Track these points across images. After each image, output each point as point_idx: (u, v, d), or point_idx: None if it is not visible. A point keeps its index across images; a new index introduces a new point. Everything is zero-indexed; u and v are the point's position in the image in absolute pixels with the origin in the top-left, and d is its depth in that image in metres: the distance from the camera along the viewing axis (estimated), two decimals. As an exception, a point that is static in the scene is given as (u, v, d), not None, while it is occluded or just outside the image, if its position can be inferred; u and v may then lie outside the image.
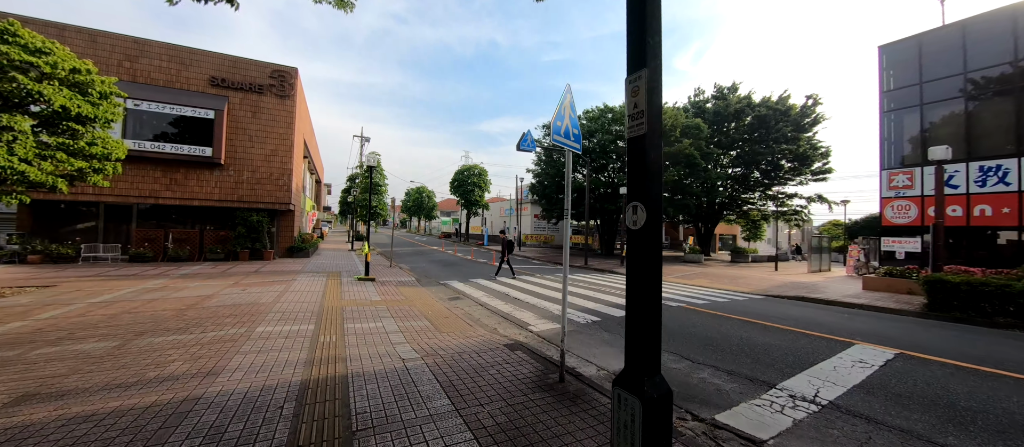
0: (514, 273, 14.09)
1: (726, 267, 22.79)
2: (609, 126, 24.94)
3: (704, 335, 6.79)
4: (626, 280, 2.53)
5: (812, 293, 12.36)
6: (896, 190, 15.34)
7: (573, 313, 8.26)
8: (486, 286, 11.90)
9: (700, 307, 9.42)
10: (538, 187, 29.42)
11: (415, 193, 59.73)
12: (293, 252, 17.42)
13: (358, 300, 8.64)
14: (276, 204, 16.03)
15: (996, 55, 13.32)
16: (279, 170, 16.08)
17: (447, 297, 10.11)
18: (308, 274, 12.50)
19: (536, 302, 9.43)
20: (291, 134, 16.31)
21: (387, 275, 13.18)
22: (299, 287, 9.95)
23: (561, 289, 12.18)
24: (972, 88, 13.82)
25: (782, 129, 28.89)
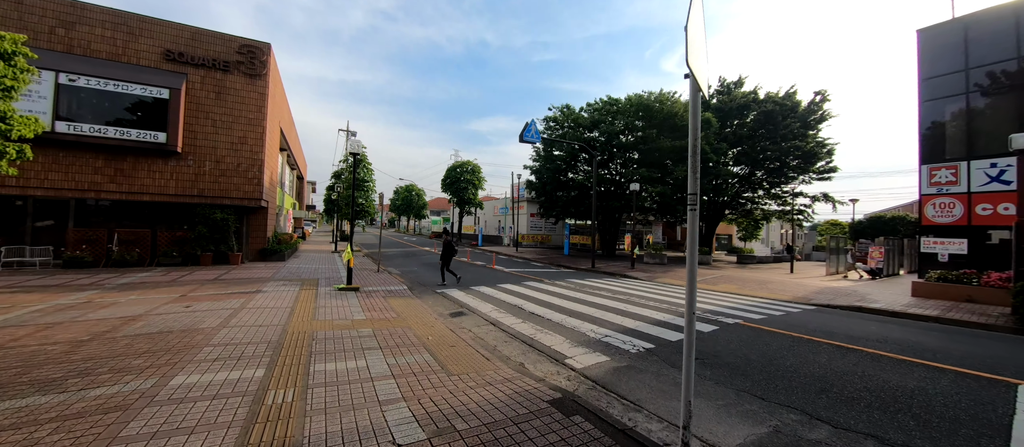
0: (458, 280, 12.05)
1: (738, 269, 21.38)
2: (612, 120, 23.30)
3: (805, 371, 5.06)
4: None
5: (864, 302, 10.84)
6: (938, 186, 14.03)
7: (615, 336, 6.46)
8: (492, 296, 10.03)
9: (758, 323, 7.73)
10: (537, 184, 27.64)
11: (404, 191, 57.39)
12: (266, 255, 15.25)
13: (336, 320, 6.68)
14: (245, 200, 13.87)
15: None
16: (248, 161, 13.92)
17: (448, 312, 8.22)
18: (279, 283, 10.44)
19: (560, 319, 7.61)
20: (263, 119, 14.16)
21: (374, 282, 11.20)
22: (262, 302, 7.92)
23: (578, 297, 10.36)
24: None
25: (790, 125, 27.65)
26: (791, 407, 4.02)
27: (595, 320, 7.55)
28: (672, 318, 7.88)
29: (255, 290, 9.14)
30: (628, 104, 23.30)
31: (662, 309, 8.78)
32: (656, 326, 7.19)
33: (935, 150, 14.30)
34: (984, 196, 13.12)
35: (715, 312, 8.69)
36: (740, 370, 5.03)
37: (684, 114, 22.07)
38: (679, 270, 18.85)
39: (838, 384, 4.64)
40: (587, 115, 24.61)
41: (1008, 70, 12.96)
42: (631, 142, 21.95)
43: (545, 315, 7.93)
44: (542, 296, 10.14)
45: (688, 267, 2.75)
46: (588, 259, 23.53)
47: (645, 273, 16.73)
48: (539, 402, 3.77)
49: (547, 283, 12.72)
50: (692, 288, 2.74)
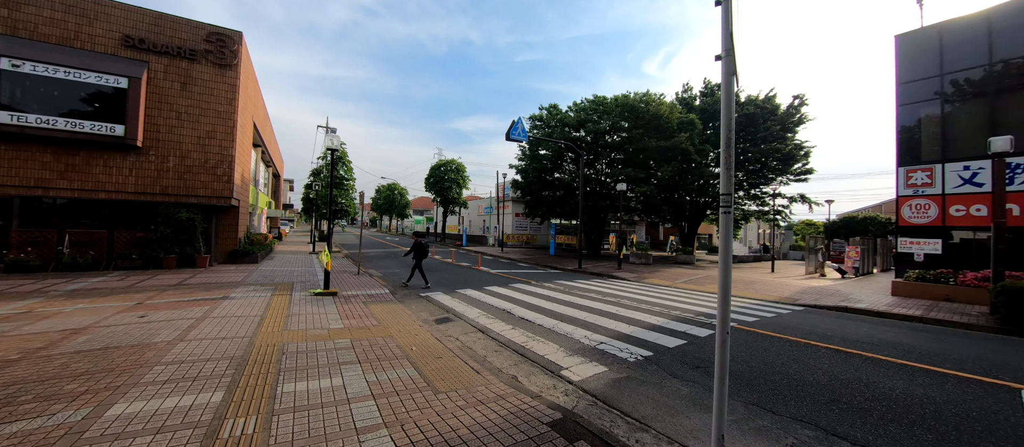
0: (426, 282, 11.61)
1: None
2: (598, 120, 23.16)
3: (810, 379, 4.85)
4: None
5: (848, 302, 10.93)
6: (914, 188, 14.39)
7: (611, 344, 6.15)
8: (479, 299, 9.61)
9: (752, 326, 7.58)
10: (523, 183, 27.30)
11: (386, 190, 56.13)
12: (237, 257, 14.36)
13: (310, 330, 6.14)
14: (213, 198, 12.99)
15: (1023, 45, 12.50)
16: (217, 156, 13.04)
17: (433, 318, 7.76)
18: (249, 287, 9.72)
19: (551, 324, 7.26)
20: (233, 113, 13.30)
21: (353, 285, 10.60)
22: (228, 310, 7.27)
23: (568, 300, 9.96)
24: (996, 80, 12.97)
25: (771, 128, 28.22)
26: (805, 421, 3.77)
27: (588, 325, 7.24)
28: (667, 322, 7.64)
29: (222, 296, 8.43)
30: (614, 104, 23.22)
31: (655, 312, 8.55)
32: (652, 331, 6.93)
33: (911, 153, 14.67)
34: (958, 198, 13.51)
35: (708, 315, 8.51)
36: (745, 380, 4.78)
37: (669, 115, 22.15)
38: (665, 270, 18.84)
39: (846, 394, 4.44)
40: (573, 114, 24.42)
41: (980, 76, 13.37)
42: (617, 142, 21.87)
43: (536, 320, 7.57)
44: (531, 299, 9.77)
45: (721, 281, 2.42)
46: (574, 259, 23.35)
47: (632, 273, 16.61)
48: (538, 425, 3.39)
49: (535, 285, 12.37)
50: (725, 303, 2.41)
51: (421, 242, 11.96)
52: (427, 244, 12.15)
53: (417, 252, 11.78)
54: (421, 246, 11.86)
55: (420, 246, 11.86)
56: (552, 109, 25.66)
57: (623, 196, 19.64)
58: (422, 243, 11.94)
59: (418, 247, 11.82)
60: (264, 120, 20.94)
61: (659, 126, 21.90)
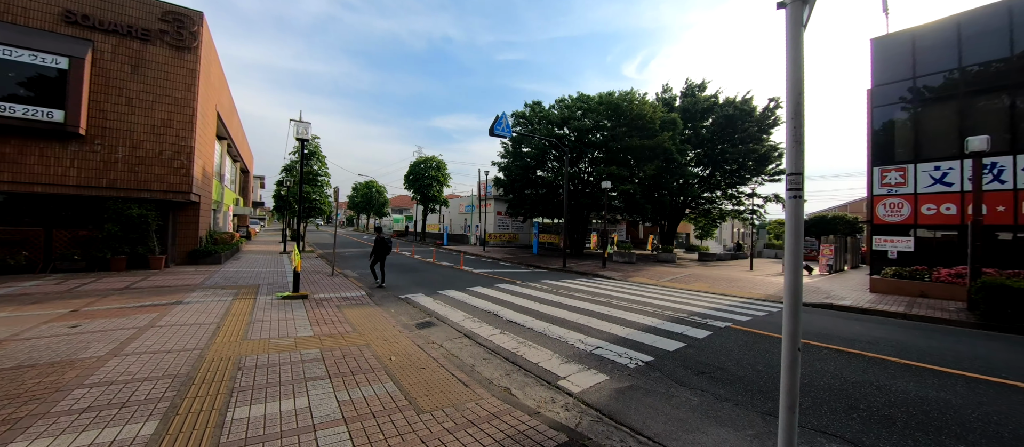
0: (382, 283, 11.20)
1: (703, 267, 21.76)
2: (582, 117, 22.94)
3: (821, 384, 4.57)
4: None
5: (832, 299, 10.99)
6: (888, 188, 14.78)
7: (608, 348, 5.73)
8: (463, 301, 9.04)
9: (748, 325, 7.35)
10: (505, 181, 26.80)
11: (364, 188, 54.43)
12: (197, 257, 13.23)
13: (274, 339, 5.44)
14: (169, 193, 11.86)
15: (992, 50, 12.97)
16: (174, 147, 11.91)
17: (414, 323, 7.16)
18: (208, 291, 8.82)
19: (542, 327, 6.80)
20: (192, 100, 12.18)
21: (326, 287, 9.83)
22: (179, 317, 6.44)
23: (557, 301, 9.41)
24: (965, 84, 13.43)
25: (748, 129, 28.81)
26: (829, 433, 3.45)
27: (581, 328, 6.82)
28: (662, 323, 7.31)
29: (174, 301, 7.54)
30: (598, 102, 23.05)
31: (648, 313, 8.23)
32: (648, 333, 6.57)
33: (885, 153, 15.06)
34: (929, 197, 13.93)
35: (701, 314, 8.26)
36: (756, 386, 4.46)
37: (652, 115, 22.14)
38: (649, 268, 18.77)
39: (862, 399, 4.17)
40: (557, 112, 24.11)
41: (950, 79, 13.82)
42: (600, 140, 21.69)
43: (525, 323, 7.09)
44: (518, 300, 9.29)
45: (788, 283, 1.99)
46: (557, 258, 23.05)
47: (618, 272, 16.40)
48: (536, 441, 2.90)
49: (520, 285, 11.90)
50: (794, 314, 1.98)
51: (383, 238, 11.44)
52: (389, 240, 11.73)
53: (378, 248, 11.29)
54: (383, 242, 11.33)
55: (382, 242, 11.32)
56: (536, 106, 25.28)
57: (607, 194, 19.44)
58: (384, 239, 11.43)
59: (380, 243, 11.30)
60: (230, 111, 19.60)
61: (642, 125, 21.87)
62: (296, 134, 8.47)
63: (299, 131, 8.50)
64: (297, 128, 8.50)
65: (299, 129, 8.49)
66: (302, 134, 8.51)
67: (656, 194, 24.37)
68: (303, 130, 8.55)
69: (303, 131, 8.55)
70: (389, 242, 11.58)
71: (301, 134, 8.50)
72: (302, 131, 8.53)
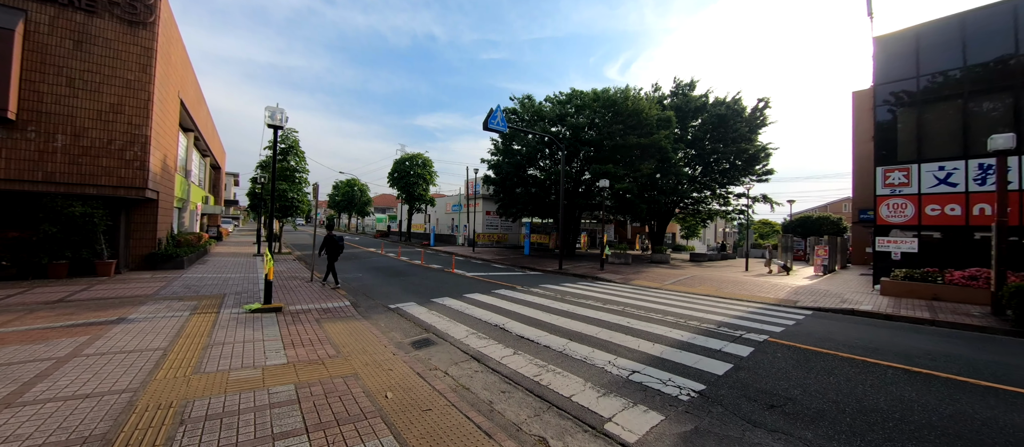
0: (338, 282, 10.58)
1: (698, 267, 21.31)
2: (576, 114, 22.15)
3: (916, 420, 3.77)
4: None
5: (849, 304, 10.47)
6: (892, 188, 14.52)
7: (646, 372, 4.83)
8: (462, 311, 8.01)
9: (784, 338, 6.60)
10: (496, 179, 25.79)
11: (345, 186, 52.36)
12: (156, 262, 11.73)
13: (235, 371, 4.31)
14: (121, 188, 10.36)
15: (997, 49, 12.79)
16: (126, 136, 10.42)
17: (409, 340, 6.10)
18: (162, 303, 7.51)
19: (561, 345, 5.86)
20: (148, 82, 10.70)
21: (305, 296, 8.63)
22: (116, 342, 5.20)
23: (566, 310, 7.99)
24: (971, 83, 13.23)
25: (739, 129, 28.67)
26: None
27: (605, 345, 5.91)
28: (693, 337, 6.48)
29: (115, 319, 6.24)
30: (592, 98, 22.30)
31: (669, 323, 7.40)
32: (683, 351, 5.71)
33: (889, 153, 14.80)
34: (933, 197, 13.69)
35: (729, 325, 7.49)
36: (845, 425, 3.62)
37: (649, 111, 21.53)
38: (647, 270, 18.12)
39: (951, 432, 3.39)
40: (550, 107, 23.24)
41: (955, 78, 13.60)
42: (595, 138, 20.95)
43: (540, 340, 6.13)
44: (523, 310, 8.32)
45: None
46: (550, 259, 22.21)
47: (617, 274, 15.64)
48: None
49: (521, 291, 10.94)
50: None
51: (333, 236, 10.73)
52: (341, 238, 10.94)
53: (329, 247, 10.55)
54: (333, 241, 10.59)
55: (332, 241, 10.57)
56: (526, 101, 24.35)
57: (604, 194, 18.70)
58: (334, 236, 10.70)
59: (330, 242, 10.56)
60: (196, 100, 17.92)
61: (639, 122, 21.24)
62: (268, 120, 7.26)
63: (273, 117, 7.30)
64: (270, 114, 7.30)
65: (273, 115, 7.30)
66: (276, 121, 7.32)
67: (649, 194, 23.78)
68: (277, 117, 7.35)
69: (277, 118, 7.35)
70: (341, 239, 10.79)
71: (274, 120, 7.30)
72: (276, 117, 7.33)
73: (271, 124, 7.35)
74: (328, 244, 10.58)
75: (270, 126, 7.36)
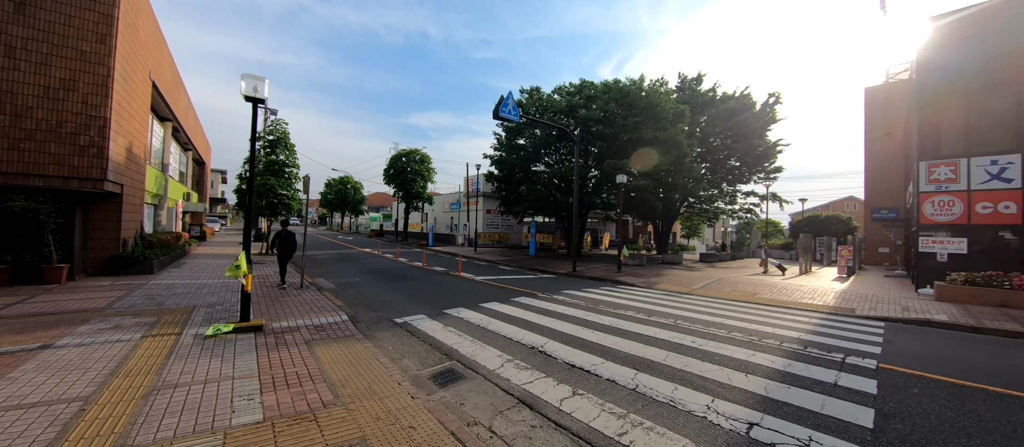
0: (284, 283, 9.72)
1: (714, 269, 20.13)
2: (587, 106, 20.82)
3: None
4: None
5: (916, 313, 9.25)
6: (937, 184, 13.41)
7: (769, 425, 3.46)
8: (484, 327, 6.60)
9: (899, 364, 5.30)
10: (500, 176, 24.36)
11: (338, 184, 50.49)
12: (120, 266, 10.14)
13: (183, 437, 2.86)
14: (74, 179, 8.76)
15: (1058, 30, 11.73)
16: (80, 118, 8.82)
17: (429, 373, 4.68)
18: (112, 319, 5.99)
19: (628, 377, 4.49)
20: (107, 55, 9.10)
21: (293, 308, 7.15)
22: (19, 386, 3.71)
23: (611, 326, 6.64)
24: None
25: (751, 125, 27.58)
26: None
27: (686, 378, 4.55)
28: (786, 363, 5.14)
29: (37, 346, 4.72)
30: (603, 89, 20.99)
31: (740, 342, 6.07)
32: (788, 385, 4.38)
33: (933, 146, 13.69)
34: (984, 194, 12.59)
35: (812, 343, 6.18)
36: None
37: (667, 105, 20.28)
38: (667, 272, 16.85)
39: None
40: (560, 98, 21.87)
41: (1009, 65, 12.50)
42: (608, 132, 19.64)
43: (598, 370, 4.75)
44: (557, 324, 6.93)
45: None
46: (559, 260, 20.88)
47: (636, 278, 14.33)
48: None
49: (543, 298, 9.55)
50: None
51: (286, 232, 9.83)
52: (293, 235, 9.94)
53: (280, 246, 9.72)
54: (284, 238, 9.74)
55: (283, 238, 9.72)
56: (533, 93, 22.97)
57: (619, 190, 17.38)
58: (286, 234, 9.81)
59: (281, 239, 9.72)
60: (174, 85, 16.23)
61: (655, 115, 19.97)
62: (245, 91, 5.78)
63: (251, 88, 5.82)
64: (248, 84, 5.82)
65: (251, 85, 5.82)
66: (255, 93, 5.85)
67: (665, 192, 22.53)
68: (257, 88, 5.88)
69: (257, 89, 5.88)
70: (293, 237, 9.87)
71: (254, 93, 5.83)
72: (256, 89, 5.86)
73: (250, 97, 5.86)
74: (279, 242, 9.71)
75: (248, 99, 5.87)
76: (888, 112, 29.74)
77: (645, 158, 19.54)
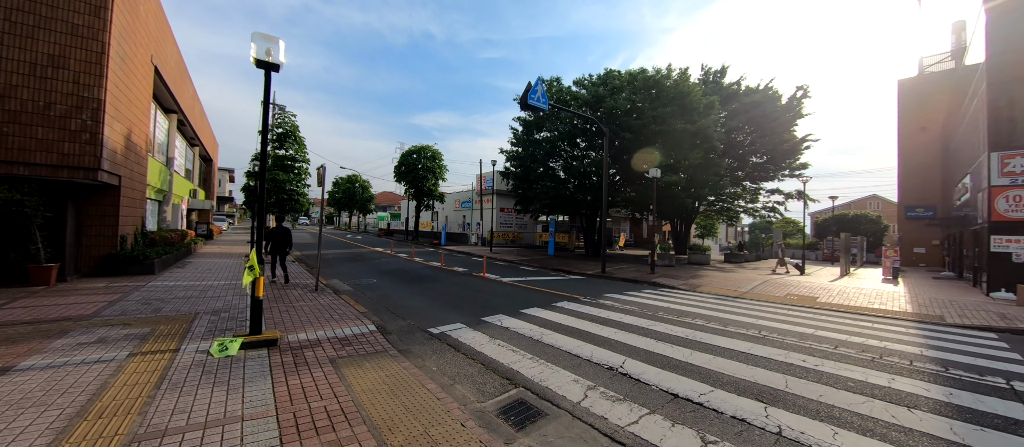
0: (288, 279, 9.61)
1: (745, 270, 18.91)
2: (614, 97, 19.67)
3: None
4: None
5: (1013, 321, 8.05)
6: (1012, 177, 12.15)
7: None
8: (538, 339, 5.52)
9: (1070, 392, 4.16)
10: (517, 172, 23.29)
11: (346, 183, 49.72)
12: (117, 266, 9.19)
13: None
14: (64, 167, 7.80)
15: None
16: (71, 99, 7.86)
17: (495, 406, 3.59)
18: (90, 334, 4.99)
19: (756, 413, 3.39)
20: (102, 30, 8.15)
21: (310, 316, 6.13)
22: (-46, 427, 2.67)
23: (684, 337, 5.72)
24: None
25: (780, 118, 26.23)
26: None
27: (833, 416, 3.44)
28: (946, 392, 4.01)
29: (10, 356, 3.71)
30: (628, 79, 19.84)
31: (860, 360, 4.93)
32: (973, 425, 3.26)
33: (1007, 135, 12.40)
34: (1065, 187, 11.31)
35: (946, 360, 5.02)
36: None
37: (698, 95, 19.09)
38: (705, 274, 15.66)
39: None
40: (582, 90, 20.75)
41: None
42: (637, 124, 18.47)
43: (710, 402, 3.65)
44: (624, 336, 5.83)
45: None
46: (578, 260, 19.80)
47: (674, 279, 13.18)
48: None
49: (589, 304, 8.45)
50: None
51: (280, 228, 9.79)
52: (288, 231, 9.88)
53: (274, 241, 9.56)
54: (277, 233, 9.64)
55: (275, 234, 9.62)
56: (553, 84, 21.86)
57: (656, 186, 16.18)
58: (280, 229, 9.74)
59: (276, 235, 9.60)
60: (179, 73, 15.34)
61: (684, 106, 18.79)
62: (256, 55, 4.77)
63: (263, 51, 4.81)
64: (259, 46, 4.81)
65: (262, 48, 4.81)
66: (268, 57, 4.84)
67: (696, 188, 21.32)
68: (270, 51, 4.86)
69: (270, 52, 4.86)
70: (288, 233, 9.84)
71: (266, 56, 4.82)
72: (268, 52, 4.85)
73: (262, 61, 4.83)
74: (272, 237, 9.57)
75: (260, 65, 4.85)
76: (923, 106, 28.27)
77: (675, 152, 18.37)
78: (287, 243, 9.71)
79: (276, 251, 9.62)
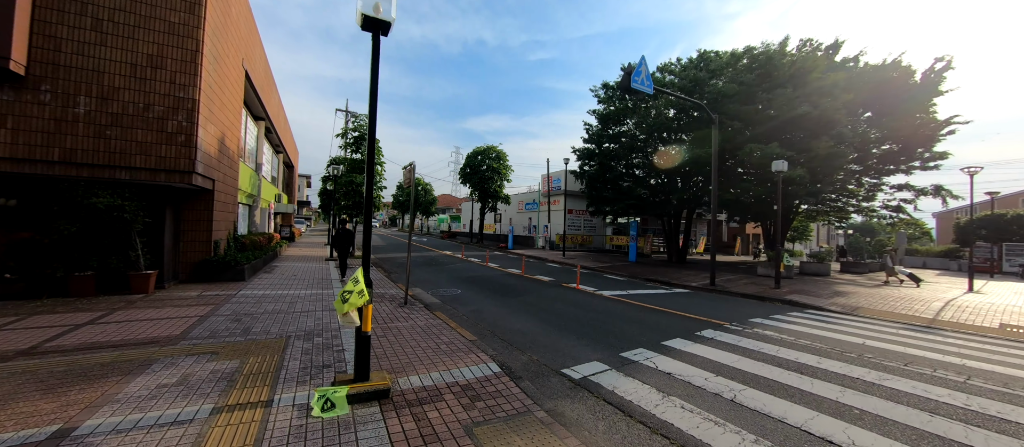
0: (344, 278, 10.22)
1: (881, 286, 15.28)
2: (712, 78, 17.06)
3: None
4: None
5: None
6: None
7: None
8: (723, 395, 3.79)
9: None
10: (594, 170, 21.40)
11: (409, 186, 50.88)
12: (210, 272, 8.94)
13: None
14: (161, 171, 7.53)
15: None
16: (167, 100, 7.59)
17: None
18: (175, 365, 4.15)
19: None
20: (196, 27, 7.82)
21: (410, 342, 4.97)
22: None
23: (928, 395, 3.83)
24: None
25: (917, 98, 21.42)
26: None
27: None
28: None
29: (47, 435, 2.82)
30: (730, 58, 17.12)
31: None
32: None
33: None
34: None
35: None
36: None
37: (819, 72, 15.94)
38: (838, 287, 12.66)
39: None
40: (671, 77, 18.37)
41: None
42: (746, 110, 15.78)
43: None
44: (831, 391, 3.89)
45: None
46: (666, 267, 17.41)
47: (809, 296, 10.55)
48: None
49: (743, 334, 6.48)
50: None
51: (344, 229, 11.00)
52: (351, 232, 10.89)
53: (340, 242, 10.81)
54: (344, 235, 10.82)
55: (343, 235, 10.81)
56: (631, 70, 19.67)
57: (780, 181, 13.42)
58: (345, 231, 10.94)
59: (341, 236, 10.85)
60: (266, 80, 15.64)
61: (805, 86, 15.73)
62: (362, 9, 3.66)
63: (370, 7, 3.68)
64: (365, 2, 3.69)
65: (369, 4, 3.68)
66: (376, 13, 3.71)
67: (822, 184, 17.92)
68: (378, 6, 3.72)
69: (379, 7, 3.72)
70: (351, 234, 11.03)
71: (374, 13, 3.69)
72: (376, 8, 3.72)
73: (370, 20, 3.69)
74: (338, 238, 10.93)
75: (367, 26, 3.72)
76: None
77: (795, 141, 15.40)
78: (350, 243, 10.86)
79: (341, 251, 10.57)
